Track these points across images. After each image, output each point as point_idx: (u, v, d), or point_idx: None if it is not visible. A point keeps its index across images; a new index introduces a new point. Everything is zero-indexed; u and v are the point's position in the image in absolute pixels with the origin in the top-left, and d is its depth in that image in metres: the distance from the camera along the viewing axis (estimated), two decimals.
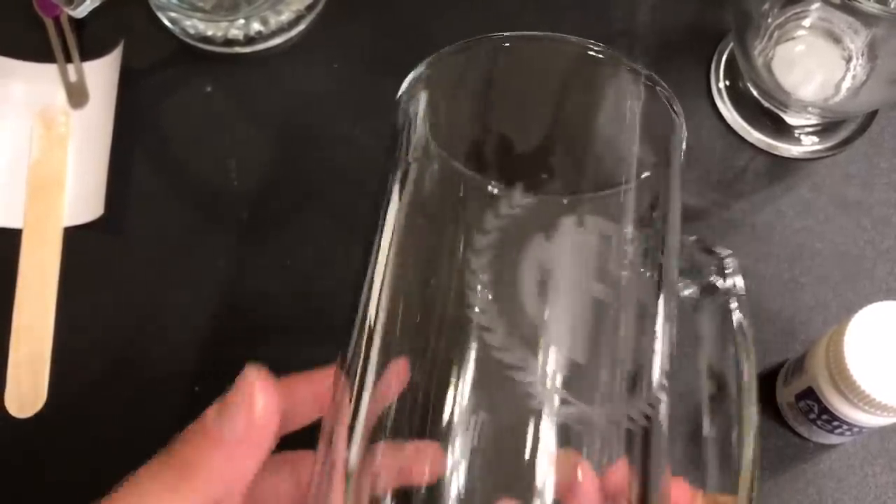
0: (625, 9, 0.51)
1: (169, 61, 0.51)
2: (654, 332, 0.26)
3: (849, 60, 0.45)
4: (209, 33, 0.51)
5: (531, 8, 0.51)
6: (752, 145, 0.48)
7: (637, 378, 0.25)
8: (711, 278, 0.29)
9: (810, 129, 0.48)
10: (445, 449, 0.23)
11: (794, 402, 0.41)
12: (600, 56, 0.28)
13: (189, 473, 0.24)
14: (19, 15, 0.51)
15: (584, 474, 0.23)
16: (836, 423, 0.39)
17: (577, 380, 0.24)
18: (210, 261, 0.47)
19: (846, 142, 0.48)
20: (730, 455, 0.27)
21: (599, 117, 0.28)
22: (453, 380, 0.24)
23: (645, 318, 0.26)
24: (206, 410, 0.25)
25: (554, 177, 0.26)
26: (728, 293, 0.29)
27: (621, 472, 0.24)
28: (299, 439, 0.28)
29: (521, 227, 0.25)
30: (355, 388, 0.25)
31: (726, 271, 0.30)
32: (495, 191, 0.26)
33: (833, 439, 0.42)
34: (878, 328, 0.37)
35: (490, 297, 0.24)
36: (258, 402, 0.24)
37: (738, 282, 0.30)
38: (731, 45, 0.50)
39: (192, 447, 0.24)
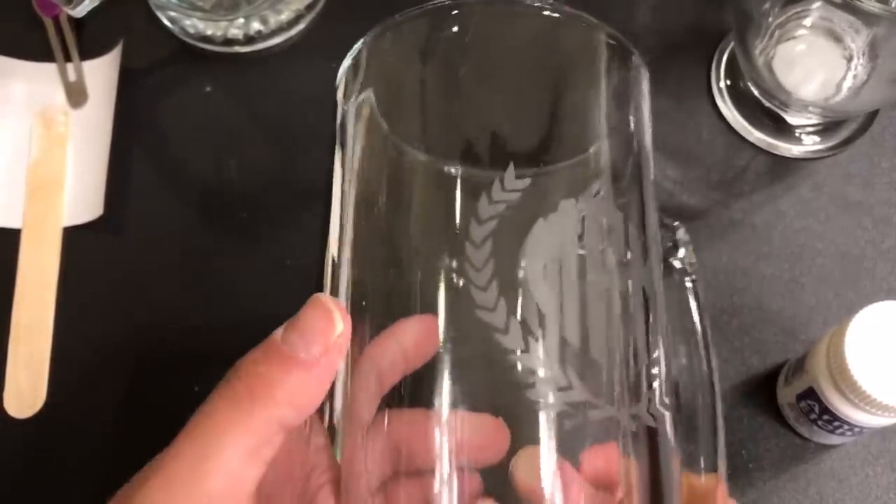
0: (625, 9, 0.51)
1: (168, 61, 0.51)
2: (650, 316, 0.25)
3: (850, 60, 0.45)
4: (209, 32, 0.50)
5: None
6: (752, 145, 0.48)
7: (637, 367, 0.25)
8: (669, 259, 0.29)
9: (811, 129, 0.48)
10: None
11: (794, 403, 0.41)
12: (556, 16, 0.26)
13: (264, 393, 0.23)
14: (19, 14, 0.51)
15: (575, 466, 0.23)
16: (837, 424, 0.39)
17: (576, 366, 0.23)
18: (210, 261, 0.47)
19: (847, 141, 0.48)
20: (701, 440, 0.27)
21: (561, 81, 0.27)
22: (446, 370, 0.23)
23: (643, 302, 0.25)
24: (274, 333, 0.24)
25: (519, 151, 0.25)
26: (683, 272, 0.29)
27: (608, 460, 0.23)
28: None
29: (517, 212, 0.24)
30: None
31: (679, 247, 0.29)
32: (453, 171, 0.25)
33: (834, 440, 0.42)
34: (879, 328, 0.37)
35: (496, 289, 0.23)
36: (338, 325, 0.24)
37: (690, 257, 0.29)
38: (732, 44, 0.49)
39: (266, 367, 0.23)
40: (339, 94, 0.28)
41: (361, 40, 0.27)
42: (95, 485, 0.43)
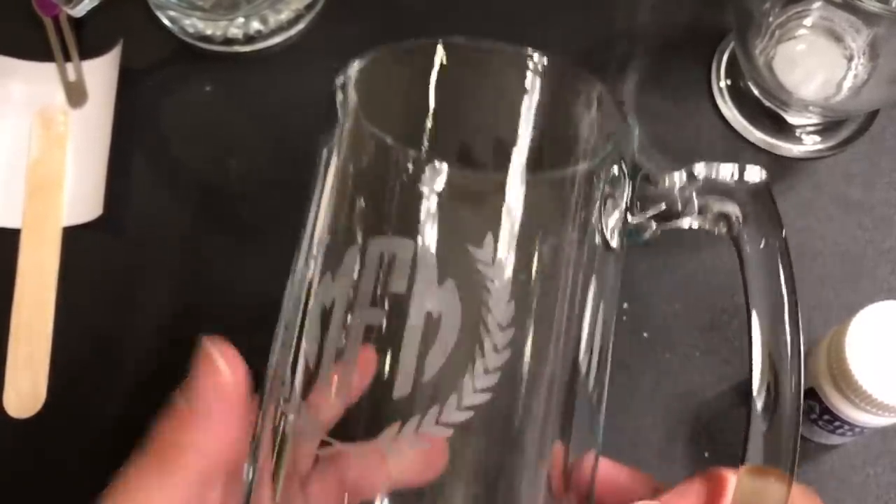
0: (625, 9, 0.51)
1: (168, 60, 0.51)
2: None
3: (850, 59, 0.45)
4: (208, 32, 0.50)
5: (531, 8, 0.51)
6: (752, 145, 0.48)
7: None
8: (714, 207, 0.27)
9: (811, 129, 0.48)
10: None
11: None
12: (546, 66, 0.26)
13: (172, 456, 0.25)
14: (18, 14, 0.51)
15: None
16: (837, 424, 0.39)
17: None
18: (210, 261, 0.47)
19: (847, 141, 0.48)
20: (776, 426, 0.26)
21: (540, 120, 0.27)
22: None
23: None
24: (173, 394, 0.26)
25: (488, 165, 0.26)
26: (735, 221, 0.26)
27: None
28: None
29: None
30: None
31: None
32: (430, 164, 0.25)
33: (834, 440, 0.42)
34: (880, 328, 0.37)
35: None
36: (223, 371, 0.25)
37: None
38: (732, 44, 0.49)
39: (169, 431, 0.25)
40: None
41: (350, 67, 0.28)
42: (95, 485, 0.43)
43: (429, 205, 0.25)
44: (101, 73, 0.50)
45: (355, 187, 0.27)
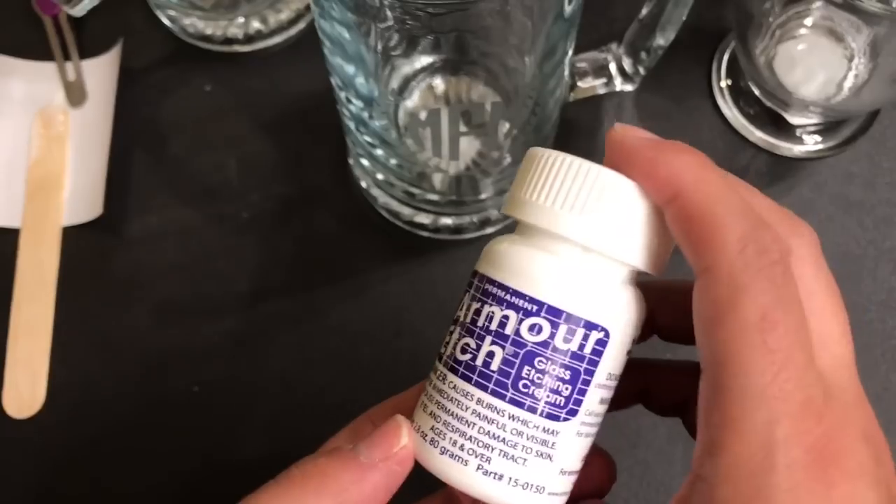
0: (625, 9, 0.51)
1: (168, 60, 0.51)
2: None
3: (851, 59, 0.45)
4: (208, 32, 0.50)
5: None
6: (753, 144, 0.48)
7: None
8: None
9: (812, 129, 0.48)
10: None
11: None
12: None
13: (316, 483, 0.25)
14: (18, 13, 0.51)
15: None
16: None
17: None
18: (210, 261, 0.47)
19: (848, 141, 0.48)
20: None
21: None
22: None
23: None
24: (337, 437, 0.28)
25: None
26: None
27: None
28: None
29: None
30: None
31: None
32: None
33: None
34: None
35: None
36: (404, 437, 0.25)
37: None
38: (733, 44, 0.49)
39: (325, 461, 0.25)
40: None
41: None
42: (95, 485, 0.43)
43: None
44: (100, 72, 0.50)
45: None
